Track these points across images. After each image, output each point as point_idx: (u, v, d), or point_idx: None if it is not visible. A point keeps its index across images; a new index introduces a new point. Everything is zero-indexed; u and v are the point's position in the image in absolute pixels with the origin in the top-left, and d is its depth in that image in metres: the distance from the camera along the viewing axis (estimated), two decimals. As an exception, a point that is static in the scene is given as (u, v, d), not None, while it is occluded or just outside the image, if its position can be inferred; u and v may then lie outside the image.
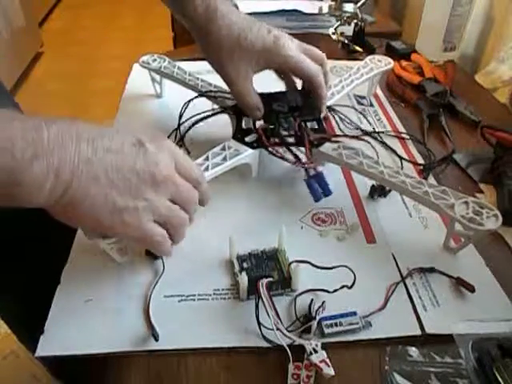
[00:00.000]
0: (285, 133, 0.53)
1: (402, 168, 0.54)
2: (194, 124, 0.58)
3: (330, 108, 0.61)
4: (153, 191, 0.38)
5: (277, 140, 0.52)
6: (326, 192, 0.49)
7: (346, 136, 0.60)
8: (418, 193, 0.45)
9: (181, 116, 0.59)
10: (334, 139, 0.53)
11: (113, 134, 0.38)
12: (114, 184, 0.37)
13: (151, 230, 0.39)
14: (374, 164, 0.49)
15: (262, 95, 0.54)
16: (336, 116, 0.64)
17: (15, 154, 0.32)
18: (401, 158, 0.59)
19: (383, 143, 0.61)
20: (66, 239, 0.47)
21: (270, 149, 0.51)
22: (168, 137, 0.58)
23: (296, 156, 0.50)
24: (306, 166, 0.50)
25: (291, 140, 0.52)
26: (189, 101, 0.60)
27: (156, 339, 0.38)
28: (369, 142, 0.60)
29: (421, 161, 0.59)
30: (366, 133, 0.62)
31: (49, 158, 0.34)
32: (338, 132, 0.62)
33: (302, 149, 0.52)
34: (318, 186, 0.49)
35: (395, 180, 0.47)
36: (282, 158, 0.50)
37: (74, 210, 0.37)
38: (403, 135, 0.64)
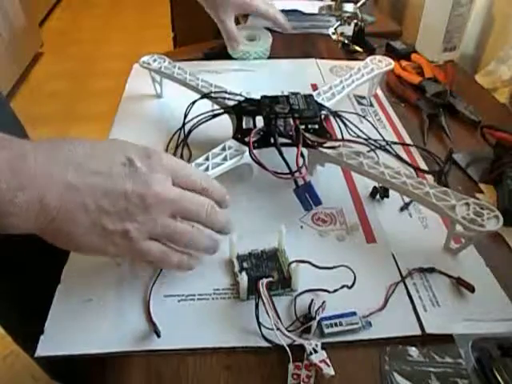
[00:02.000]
0: (281, 139, 0.52)
1: (417, 177, 0.52)
2: (196, 126, 0.57)
3: (334, 113, 0.60)
4: (145, 213, 0.37)
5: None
6: (315, 201, 0.49)
7: (345, 141, 0.56)
8: (419, 194, 0.45)
9: (185, 116, 0.58)
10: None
11: (102, 154, 0.37)
12: (103, 209, 0.36)
13: (146, 249, 0.39)
14: (374, 164, 0.49)
15: (265, 97, 0.55)
16: (339, 122, 0.60)
17: (0, 186, 0.32)
18: (413, 166, 0.58)
19: (396, 155, 0.59)
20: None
21: (253, 156, 0.49)
22: (171, 139, 0.58)
23: (287, 163, 0.48)
24: (293, 177, 0.48)
25: (286, 141, 0.52)
26: (193, 103, 0.60)
27: (158, 335, 0.38)
28: (376, 153, 0.57)
29: (422, 162, 0.59)
30: (370, 145, 0.59)
31: (34, 188, 0.33)
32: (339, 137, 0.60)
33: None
34: (307, 196, 0.48)
35: (396, 181, 0.47)
36: (264, 167, 0.48)
37: (64, 236, 0.37)
38: (406, 142, 0.63)
